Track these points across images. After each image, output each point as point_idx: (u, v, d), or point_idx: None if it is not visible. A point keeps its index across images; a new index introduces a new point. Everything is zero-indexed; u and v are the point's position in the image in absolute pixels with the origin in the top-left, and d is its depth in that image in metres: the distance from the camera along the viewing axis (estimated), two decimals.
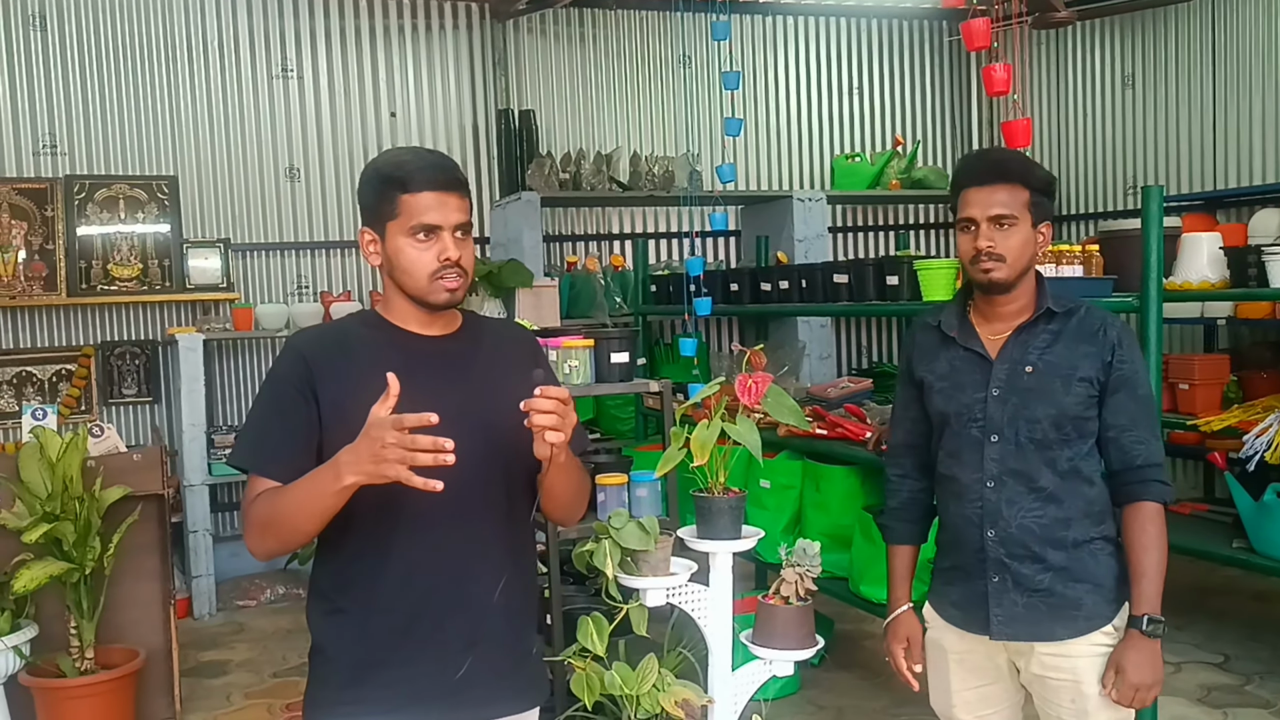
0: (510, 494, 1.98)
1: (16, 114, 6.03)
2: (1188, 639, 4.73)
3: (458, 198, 1.90)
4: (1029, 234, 2.26)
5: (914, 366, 2.44)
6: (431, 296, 1.91)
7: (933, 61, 8.10)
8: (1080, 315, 2.30)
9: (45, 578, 3.76)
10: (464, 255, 1.91)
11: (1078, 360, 2.25)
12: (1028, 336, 2.29)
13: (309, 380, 1.89)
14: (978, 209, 2.26)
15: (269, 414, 1.92)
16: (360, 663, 1.90)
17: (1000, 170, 2.28)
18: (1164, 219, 3.04)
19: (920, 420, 2.44)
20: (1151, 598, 2.21)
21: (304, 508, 1.79)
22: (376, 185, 1.92)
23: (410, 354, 1.93)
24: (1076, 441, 2.26)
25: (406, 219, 1.87)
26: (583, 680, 2.09)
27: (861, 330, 7.96)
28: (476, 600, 1.93)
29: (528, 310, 5.74)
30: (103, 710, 3.94)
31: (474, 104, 6.95)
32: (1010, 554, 2.26)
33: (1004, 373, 2.28)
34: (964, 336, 2.34)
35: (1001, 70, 3.05)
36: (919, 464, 2.48)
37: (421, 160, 1.91)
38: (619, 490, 3.06)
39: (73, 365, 6.14)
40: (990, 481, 2.27)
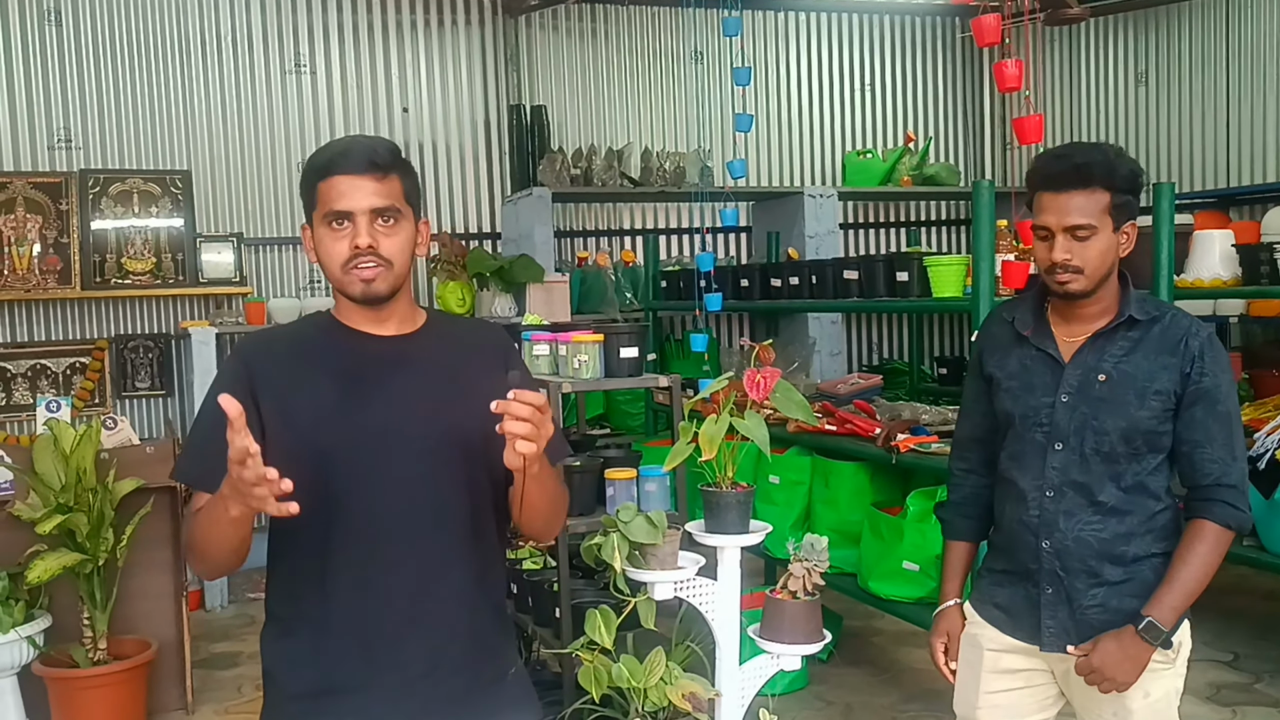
0: (475, 507, 1.83)
1: (32, 108, 6.07)
2: (1197, 637, 4.63)
3: (374, 180, 1.75)
4: (1110, 241, 2.10)
5: (984, 360, 2.33)
6: (347, 288, 1.78)
7: (945, 58, 8.08)
8: (1164, 323, 2.16)
9: (59, 569, 3.79)
10: (384, 243, 1.76)
11: (1156, 372, 2.12)
12: (1105, 343, 2.17)
13: (249, 387, 1.75)
14: (1053, 217, 2.10)
15: (208, 426, 1.76)
16: (314, 690, 1.77)
17: (1080, 174, 2.09)
18: (1176, 216, 3.04)
19: (989, 415, 2.33)
20: (1166, 605, 2.09)
21: (210, 535, 1.68)
22: (304, 176, 1.83)
23: (362, 356, 1.81)
24: (1146, 456, 2.15)
25: (322, 207, 1.77)
26: (590, 673, 2.10)
27: (872, 327, 7.96)
28: (437, 621, 1.78)
29: (538, 305, 5.76)
30: (115, 700, 3.98)
31: (486, 99, 6.96)
32: (1065, 567, 2.17)
33: (1076, 379, 2.17)
34: (1038, 336, 2.22)
35: (1013, 67, 3.04)
36: (985, 459, 2.38)
37: (345, 146, 1.80)
38: (628, 484, 3.07)
39: (87, 358, 6.17)
40: (1050, 491, 2.17)
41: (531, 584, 3.45)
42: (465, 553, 1.83)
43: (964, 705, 2.37)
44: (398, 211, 1.78)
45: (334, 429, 1.75)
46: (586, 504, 3.21)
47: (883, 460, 3.86)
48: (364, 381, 1.78)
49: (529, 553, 3.73)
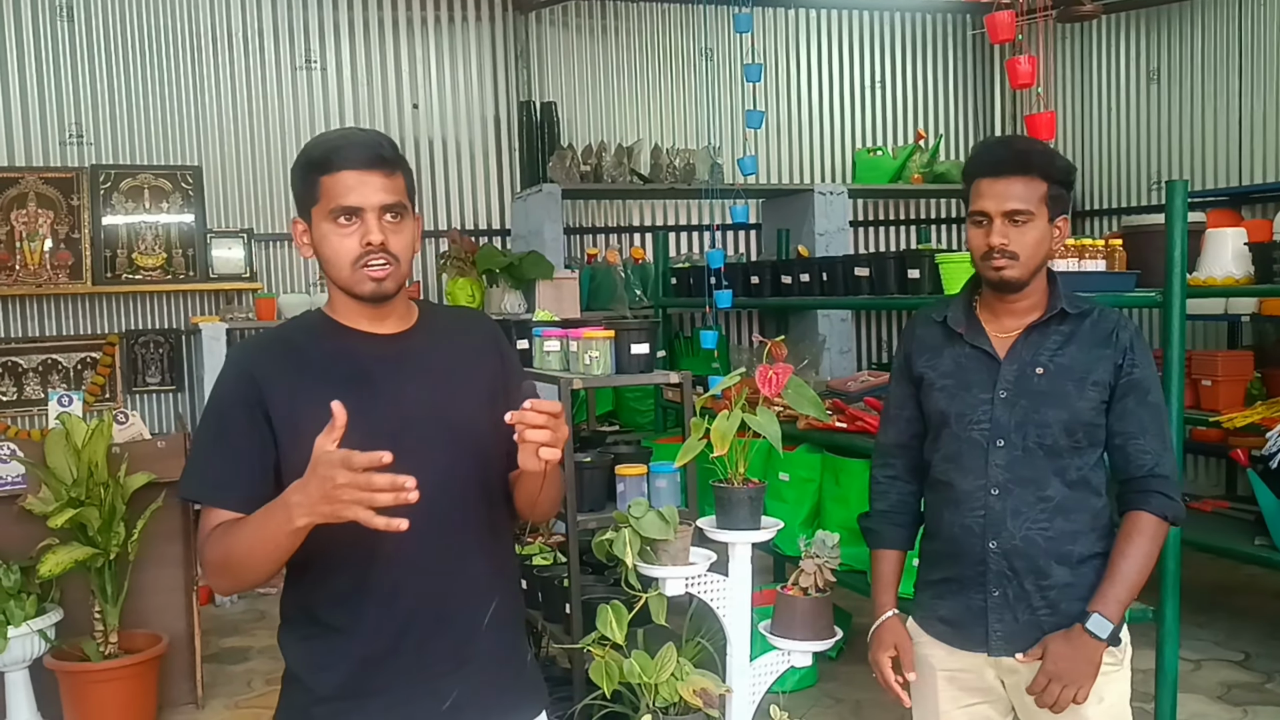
0: (489, 500, 1.85)
1: (44, 104, 6.09)
2: (1208, 636, 4.71)
3: (382, 176, 1.71)
4: (1045, 230, 2.13)
5: (913, 362, 2.30)
6: (356, 287, 1.73)
7: (956, 55, 8.07)
8: (1094, 317, 2.18)
9: (70, 562, 3.80)
10: (392, 240, 1.72)
11: (1092, 363, 2.13)
12: (1039, 337, 2.17)
13: (258, 399, 1.71)
14: (992, 202, 2.12)
15: (216, 440, 1.75)
16: (342, 692, 1.75)
17: (1019, 161, 2.12)
18: (1188, 214, 3.02)
19: (915, 420, 2.31)
20: (1112, 600, 2.07)
21: (256, 550, 1.62)
22: (300, 169, 1.77)
23: (365, 357, 1.77)
24: (1088, 450, 2.15)
25: (326, 202, 1.71)
26: (601, 668, 2.10)
27: (881, 325, 7.95)
28: (462, 619, 1.79)
29: (548, 301, 5.76)
30: (126, 694, 3.99)
31: (496, 96, 6.96)
32: (1013, 567, 2.13)
33: (1013, 374, 2.15)
34: (971, 334, 2.21)
35: (1026, 63, 3.03)
36: (910, 466, 2.34)
37: (344, 139, 1.75)
38: (638, 481, 3.07)
39: (97, 353, 6.20)
40: (995, 489, 2.14)
41: (541, 580, 3.45)
42: (484, 546, 1.83)
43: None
44: (404, 208, 1.75)
45: (348, 436, 1.66)
46: (597, 500, 3.21)
47: None
48: (372, 384, 1.75)
49: (539, 548, 3.73)
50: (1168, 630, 3.05)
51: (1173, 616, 3.05)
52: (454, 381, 1.82)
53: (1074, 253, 3.45)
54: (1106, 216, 7.48)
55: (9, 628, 3.77)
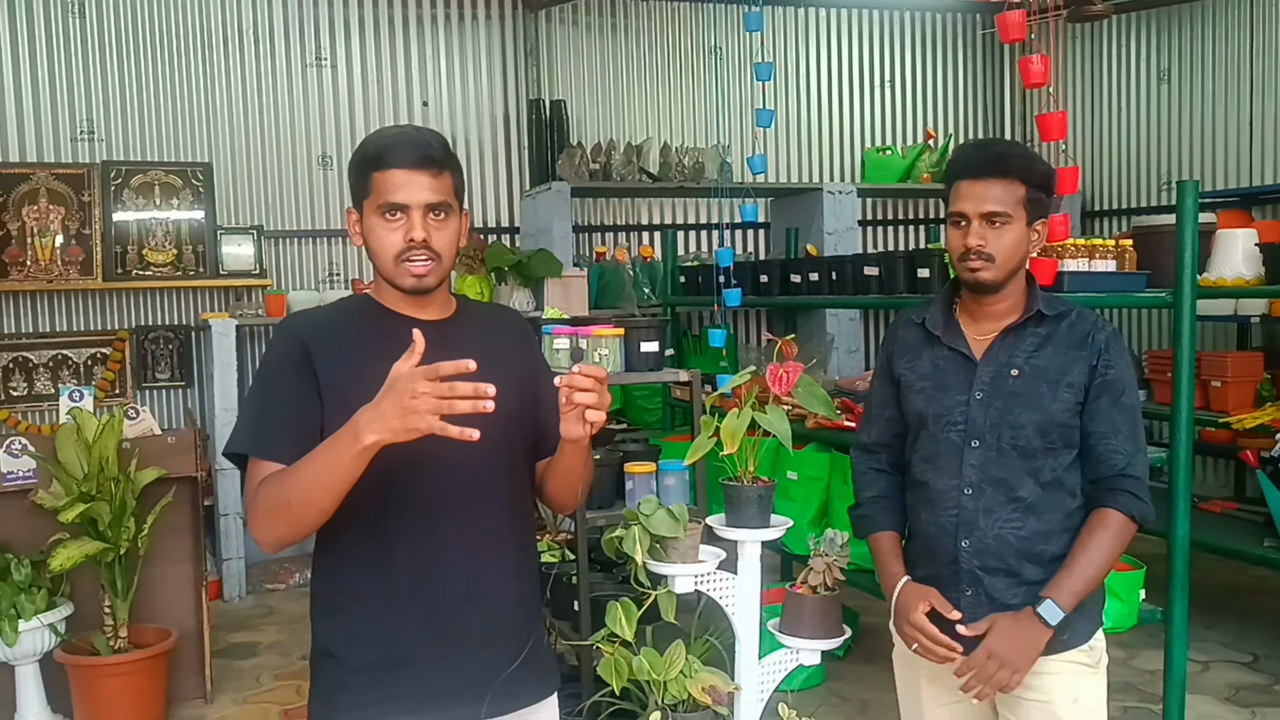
0: (516, 482, 1.93)
1: (55, 100, 6.11)
2: (1216, 638, 4.70)
3: (429, 176, 1.79)
4: (1022, 233, 2.15)
5: (894, 364, 2.33)
6: (398, 279, 1.82)
7: (965, 54, 8.05)
8: (1071, 319, 2.19)
9: (81, 557, 3.81)
10: (435, 237, 1.80)
11: (1067, 365, 2.15)
12: (1015, 339, 2.19)
13: (308, 362, 1.80)
14: (970, 204, 2.14)
15: (268, 397, 1.83)
16: (377, 663, 1.81)
17: (998, 164, 2.15)
18: (1199, 215, 3.02)
19: (896, 420, 2.33)
20: (1066, 589, 2.07)
21: (320, 480, 1.66)
22: (356, 163, 1.85)
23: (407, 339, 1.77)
24: (1062, 451, 2.16)
25: (376, 197, 1.80)
26: (611, 664, 2.10)
27: (889, 324, 7.93)
28: (492, 592, 1.86)
29: (556, 300, 5.76)
30: (136, 688, 4.00)
31: (505, 94, 6.97)
32: (985, 566, 2.15)
33: (988, 375, 2.17)
34: (949, 335, 2.24)
35: (1039, 62, 3.03)
36: (893, 462, 2.36)
37: (400, 138, 1.82)
38: (647, 478, 3.08)
39: (107, 349, 6.22)
40: (968, 489, 2.16)
41: (550, 577, 3.46)
42: (512, 525, 1.91)
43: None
44: (449, 206, 1.83)
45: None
46: (606, 497, 3.22)
47: None
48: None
49: (547, 545, 3.74)
50: (1176, 631, 3.05)
51: (1181, 617, 3.05)
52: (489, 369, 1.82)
53: (1084, 253, 3.44)
54: (1116, 217, 7.47)
55: (20, 621, 3.78)
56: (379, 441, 1.59)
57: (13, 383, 6.05)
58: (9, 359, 6.05)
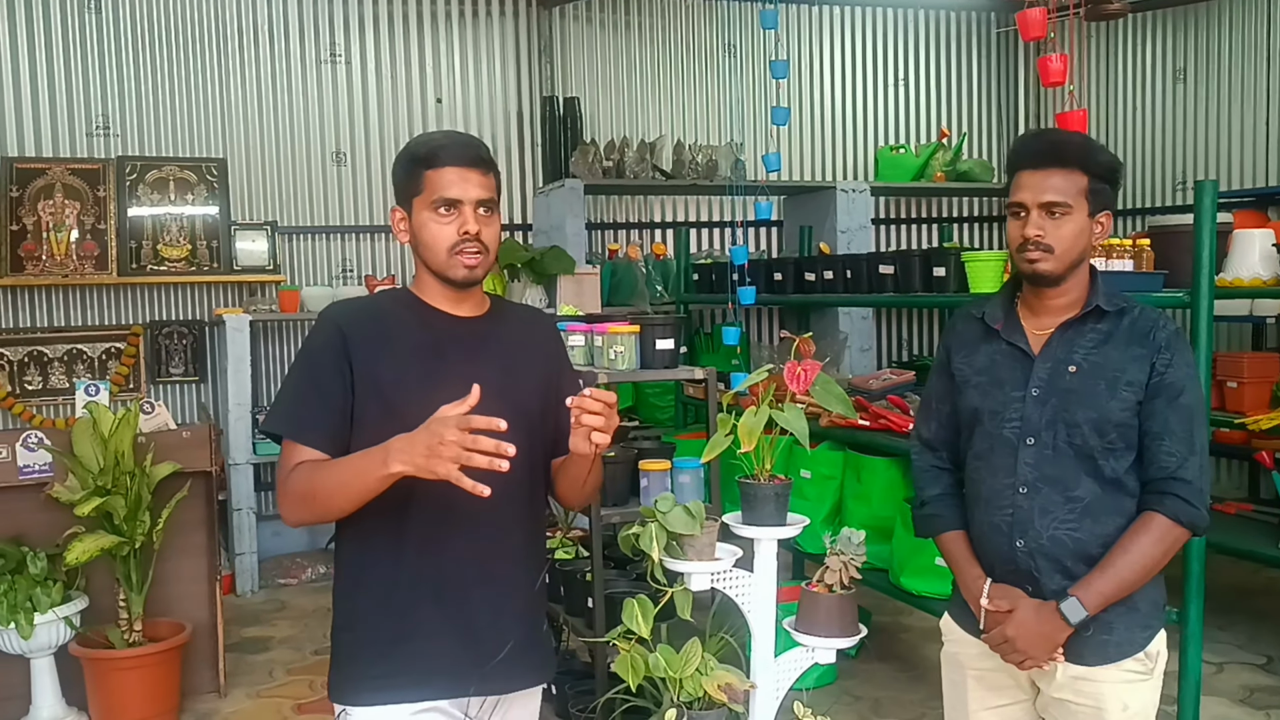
0: (533, 477, 2.04)
1: (71, 96, 6.13)
2: (1230, 640, 4.68)
3: (480, 174, 1.93)
4: (1084, 224, 2.09)
5: (952, 358, 2.29)
6: (450, 271, 1.93)
7: (980, 53, 8.03)
8: (1134, 316, 2.13)
9: (96, 550, 3.83)
10: (484, 231, 1.93)
11: (1126, 363, 2.09)
12: (1074, 334, 2.14)
13: (344, 351, 1.90)
14: (1029, 194, 2.09)
15: (306, 382, 1.94)
16: (389, 637, 1.93)
17: (1058, 153, 2.10)
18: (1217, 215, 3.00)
19: (954, 415, 2.29)
20: (1094, 590, 2.04)
21: (345, 487, 1.81)
22: (406, 163, 1.97)
23: (441, 333, 1.97)
24: (1122, 452, 2.10)
25: (429, 194, 1.92)
26: (627, 661, 2.10)
27: (902, 323, 7.92)
28: (502, 577, 1.98)
29: (569, 297, 5.76)
30: (150, 681, 4.02)
31: (519, 90, 6.97)
32: (1039, 567, 2.11)
33: (1046, 371, 2.13)
34: (1008, 330, 2.19)
35: (1058, 61, 3.02)
36: (952, 458, 2.33)
37: (449, 139, 1.96)
38: (662, 476, 3.08)
39: (122, 344, 6.24)
40: (1023, 487, 2.12)
41: (564, 573, 3.46)
42: (524, 517, 2.03)
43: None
44: (494, 204, 1.97)
45: (416, 400, 1.83)
46: (620, 495, 3.22)
47: None
48: (444, 357, 1.94)
49: (560, 542, 3.74)
50: (1191, 633, 3.03)
51: (1196, 619, 3.03)
52: (516, 366, 2.01)
53: (1101, 252, 3.43)
54: (1132, 216, 7.44)
55: (35, 614, 3.81)
56: (403, 472, 1.72)
57: (28, 376, 6.08)
58: (25, 353, 6.08)
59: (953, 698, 2.33)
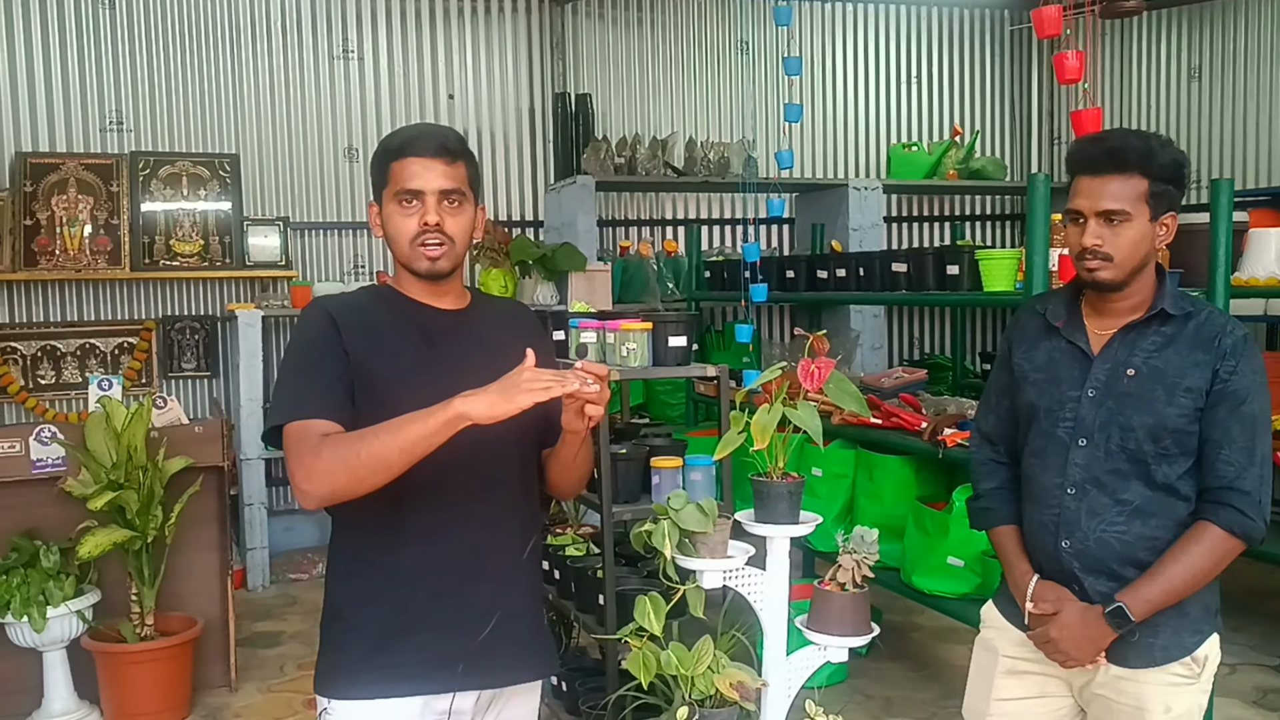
0: (525, 466, 2.03)
1: (85, 91, 6.15)
2: (1244, 640, 4.66)
3: (445, 164, 1.90)
4: (1145, 230, 2.04)
5: (1013, 352, 2.26)
6: (413, 263, 1.91)
7: (993, 51, 8.00)
8: (1199, 319, 2.08)
9: (109, 544, 3.85)
10: (449, 222, 1.90)
11: (1188, 369, 2.04)
12: (1136, 336, 2.09)
13: (338, 338, 1.89)
14: (1086, 201, 2.05)
15: (306, 367, 1.90)
16: (386, 629, 1.90)
17: (1114, 158, 2.03)
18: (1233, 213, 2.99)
19: (1013, 410, 2.27)
20: (1142, 597, 2.02)
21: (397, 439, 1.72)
22: (377, 157, 1.95)
23: (428, 326, 1.96)
24: (1178, 458, 2.06)
25: (394, 185, 1.90)
26: (639, 659, 2.09)
27: (914, 321, 7.90)
28: (497, 569, 1.95)
29: (580, 294, 5.76)
30: (161, 675, 4.04)
31: (531, 87, 6.97)
32: (1085, 568, 2.09)
33: (1104, 373, 2.10)
34: (1069, 328, 2.16)
35: (1074, 59, 3.00)
36: (1010, 452, 2.30)
37: (418, 131, 1.94)
38: (674, 473, 3.07)
39: (134, 338, 6.26)
40: (1071, 488, 2.10)
41: (575, 570, 3.46)
42: (518, 508, 2.01)
43: (973, 709, 2.32)
44: (462, 194, 1.93)
45: (407, 391, 1.84)
46: (632, 491, 3.21)
47: (928, 454, 3.83)
48: (431, 349, 1.93)
49: (572, 539, 3.74)
50: None
51: None
52: (505, 356, 1.93)
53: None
54: None
55: (48, 608, 3.82)
56: (467, 413, 1.69)
57: (41, 371, 6.10)
58: (38, 347, 6.10)
59: (977, 682, 2.31)
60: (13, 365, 6.03)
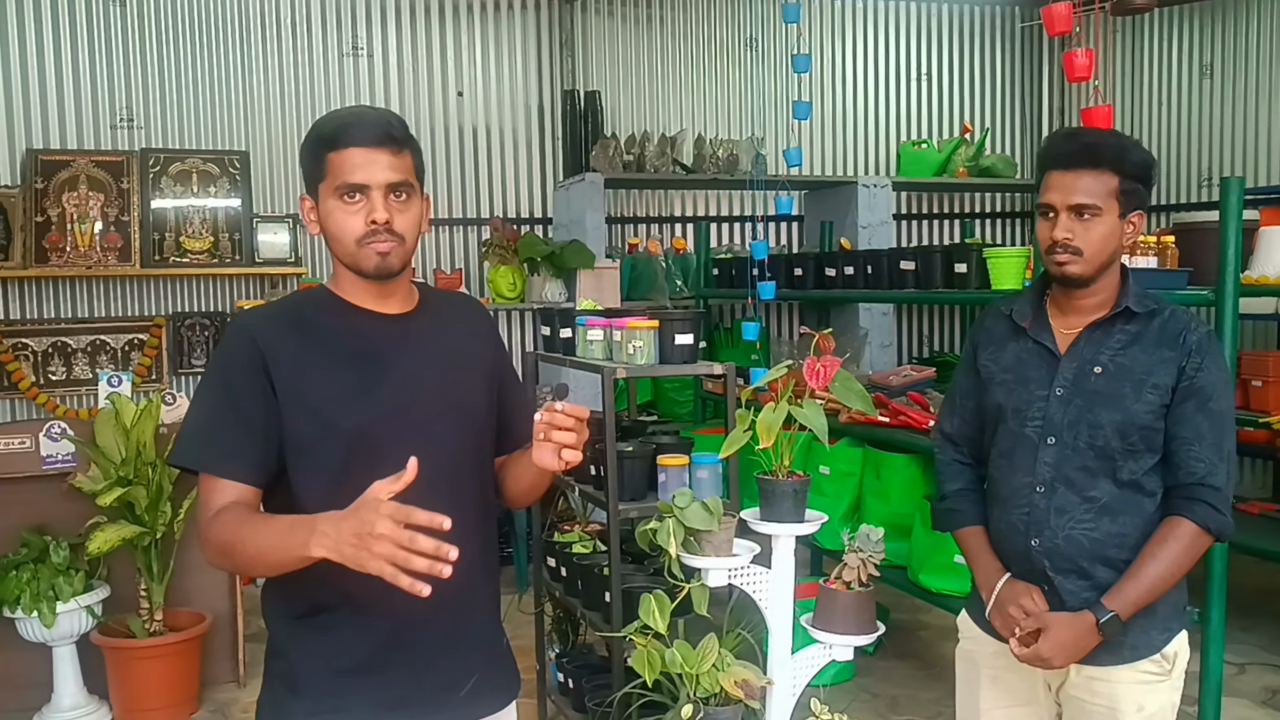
0: (483, 480, 1.89)
1: (96, 88, 6.17)
2: (1253, 640, 4.64)
3: (390, 154, 1.72)
4: (1114, 226, 2.07)
5: (978, 354, 2.28)
6: (361, 263, 1.73)
7: (1003, 47, 7.97)
8: (1164, 317, 2.10)
9: (118, 540, 3.86)
10: (397, 218, 1.73)
11: (1154, 366, 2.06)
12: (1102, 335, 2.12)
13: (262, 366, 1.69)
14: (1058, 195, 2.07)
15: (219, 405, 1.71)
16: (340, 670, 1.74)
17: (1089, 154, 2.06)
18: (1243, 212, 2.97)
19: (978, 412, 2.29)
20: (1130, 601, 2.03)
21: (263, 556, 1.60)
22: (309, 146, 1.77)
23: (372, 335, 1.78)
24: (1143, 454, 2.08)
25: (333, 179, 1.72)
26: (644, 657, 2.10)
27: (923, 319, 7.89)
28: (458, 597, 1.71)
29: (589, 291, 5.77)
30: (170, 671, 4.05)
31: (540, 84, 6.97)
32: (1055, 567, 2.10)
33: (1071, 371, 2.12)
34: (1035, 328, 2.18)
35: (1083, 56, 2.99)
36: (975, 454, 2.33)
37: (354, 117, 1.75)
38: (680, 471, 3.06)
39: (144, 335, 6.28)
40: (1040, 487, 2.12)
41: (581, 568, 3.46)
42: (477, 525, 1.84)
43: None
44: (410, 187, 1.76)
45: (354, 412, 1.72)
46: (638, 489, 3.21)
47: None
48: (378, 362, 1.76)
49: (578, 537, 3.74)
50: (1213, 634, 3.01)
51: (1218, 620, 3.01)
52: (457, 363, 1.85)
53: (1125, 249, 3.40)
54: (1157, 213, 7.37)
55: (58, 603, 3.84)
56: (325, 557, 1.50)
57: (51, 367, 6.13)
58: (48, 344, 6.12)
59: (965, 695, 2.34)
60: (24, 361, 6.05)
